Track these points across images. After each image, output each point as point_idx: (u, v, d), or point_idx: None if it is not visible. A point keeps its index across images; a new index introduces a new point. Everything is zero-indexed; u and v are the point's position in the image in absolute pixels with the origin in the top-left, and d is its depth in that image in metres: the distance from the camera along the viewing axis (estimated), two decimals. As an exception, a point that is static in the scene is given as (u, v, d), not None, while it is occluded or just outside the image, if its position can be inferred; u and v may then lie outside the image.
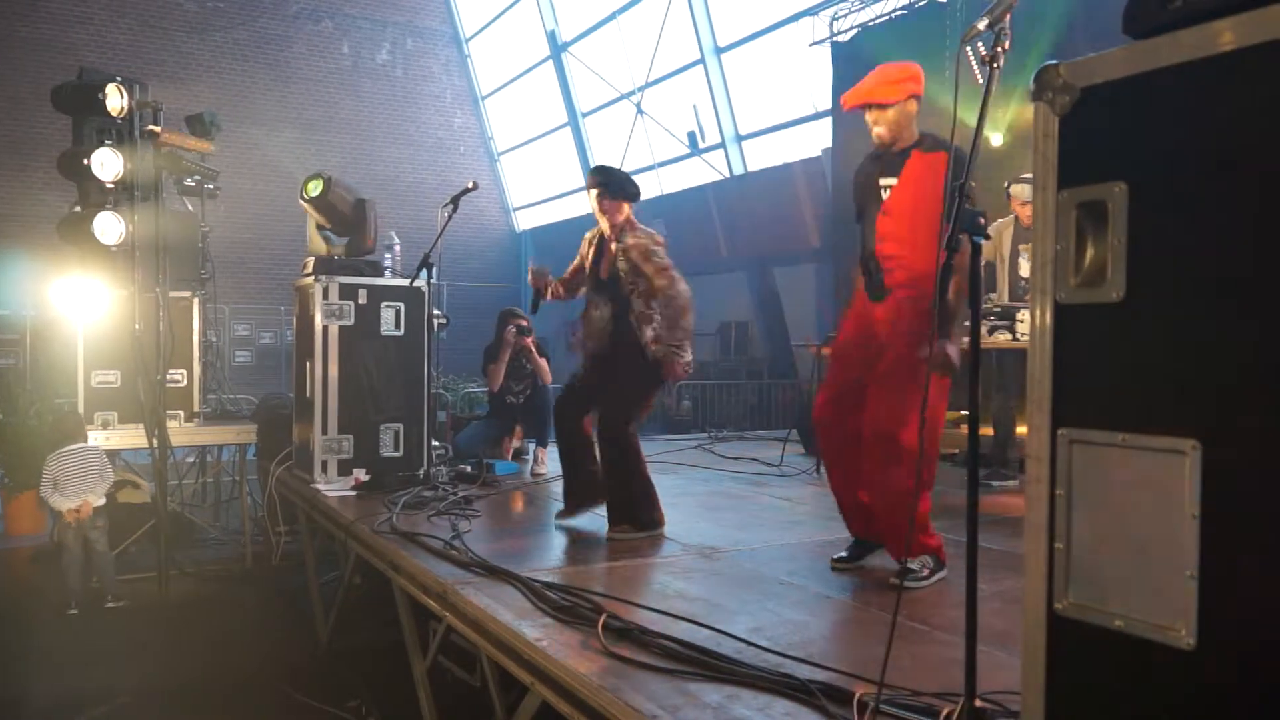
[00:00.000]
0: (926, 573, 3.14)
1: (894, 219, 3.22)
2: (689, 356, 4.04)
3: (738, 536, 4.04)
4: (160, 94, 6.62)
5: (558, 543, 4.09)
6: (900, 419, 3.03)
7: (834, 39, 9.58)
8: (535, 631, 2.63)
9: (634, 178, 4.38)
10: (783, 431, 7.49)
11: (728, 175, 13.55)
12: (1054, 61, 1.35)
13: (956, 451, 5.86)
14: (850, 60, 9.05)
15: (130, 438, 6.21)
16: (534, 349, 6.01)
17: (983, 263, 2.01)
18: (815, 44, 9.97)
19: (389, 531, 3.93)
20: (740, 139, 13.57)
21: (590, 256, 4.31)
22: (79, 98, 6.14)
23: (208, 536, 6.88)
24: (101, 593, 5.44)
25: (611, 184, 4.19)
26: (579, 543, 4.02)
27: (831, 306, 8.74)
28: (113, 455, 6.56)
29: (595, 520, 4.22)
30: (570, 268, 4.43)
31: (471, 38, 18.03)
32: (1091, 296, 1.30)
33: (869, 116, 3.27)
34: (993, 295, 5.65)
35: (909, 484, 2.87)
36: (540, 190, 18.05)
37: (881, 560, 3.39)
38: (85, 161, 5.98)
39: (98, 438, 6.16)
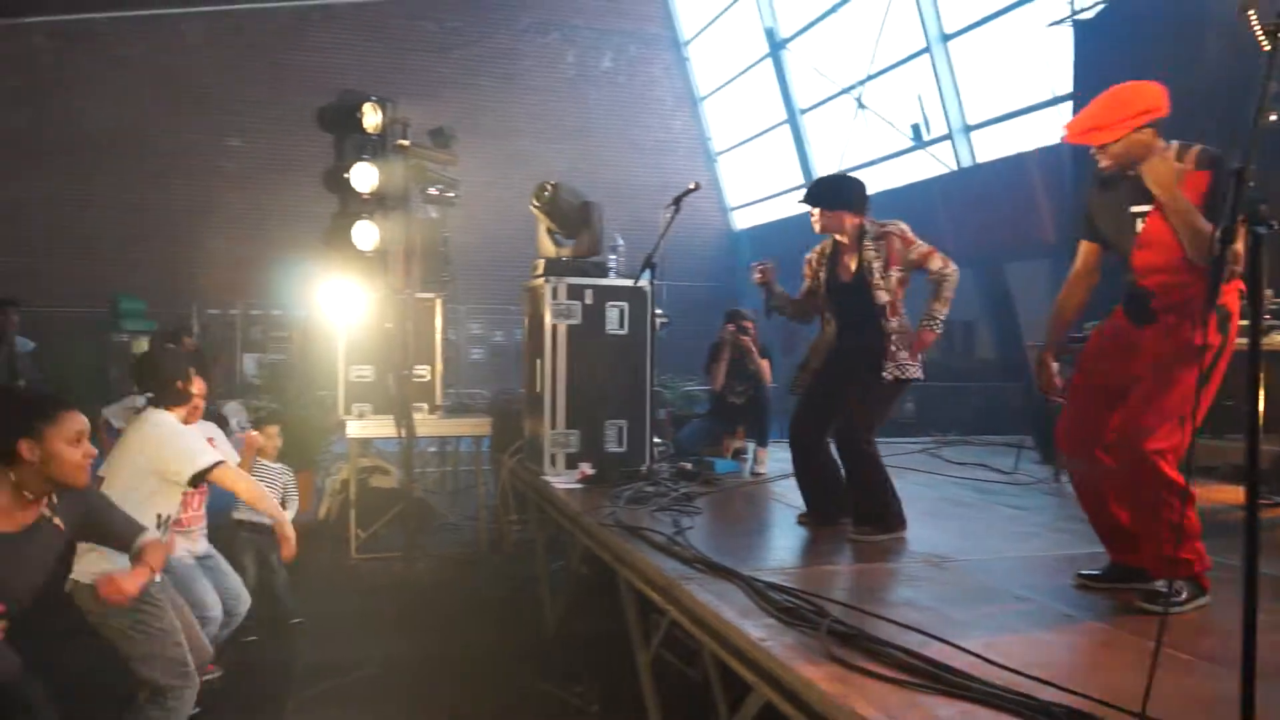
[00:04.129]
0: (1184, 596, 2.86)
1: (1154, 250, 2.91)
2: (939, 332, 4.03)
3: (968, 546, 3.86)
4: (407, 111, 7.17)
5: (779, 543, 4.06)
6: (1161, 435, 2.77)
7: (1075, 17, 8.93)
8: (759, 631, 2.63)
9: (853, 176, 4.27)
10: (1014, 437, 7.06)
11: (955, 168, 12.95)
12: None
13: (1218, 465, 5.31)
14: (1096, 37, 8.39)
15: (381, 427, 6.76)
16: (754, 349, 6.00)
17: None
18: (1054, 24, 9.34)
19: (613, 524, 4.04)
20: (968, 129, 12.93)
21: (823, 269, 4.23)
22: (340, 117, 6.77)
23: (447, 522, 7.37)
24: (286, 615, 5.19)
25: (823, 197, 4.12)
26: (801, 544, 3.98)
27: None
28: (365, 443, 7.18)
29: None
30: (801, 290, 4.37)
31: (690, 41, 18.26)
32: None
33: (1092, 148, 3.01)
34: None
35: (1169, 501, 2.63)
36: (757, 189, 18.01)
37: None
38: (345, 175, 6.58)
39: (354, 427, 6.76)
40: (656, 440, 5.59)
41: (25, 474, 2.56)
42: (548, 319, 5.37)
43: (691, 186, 5.03)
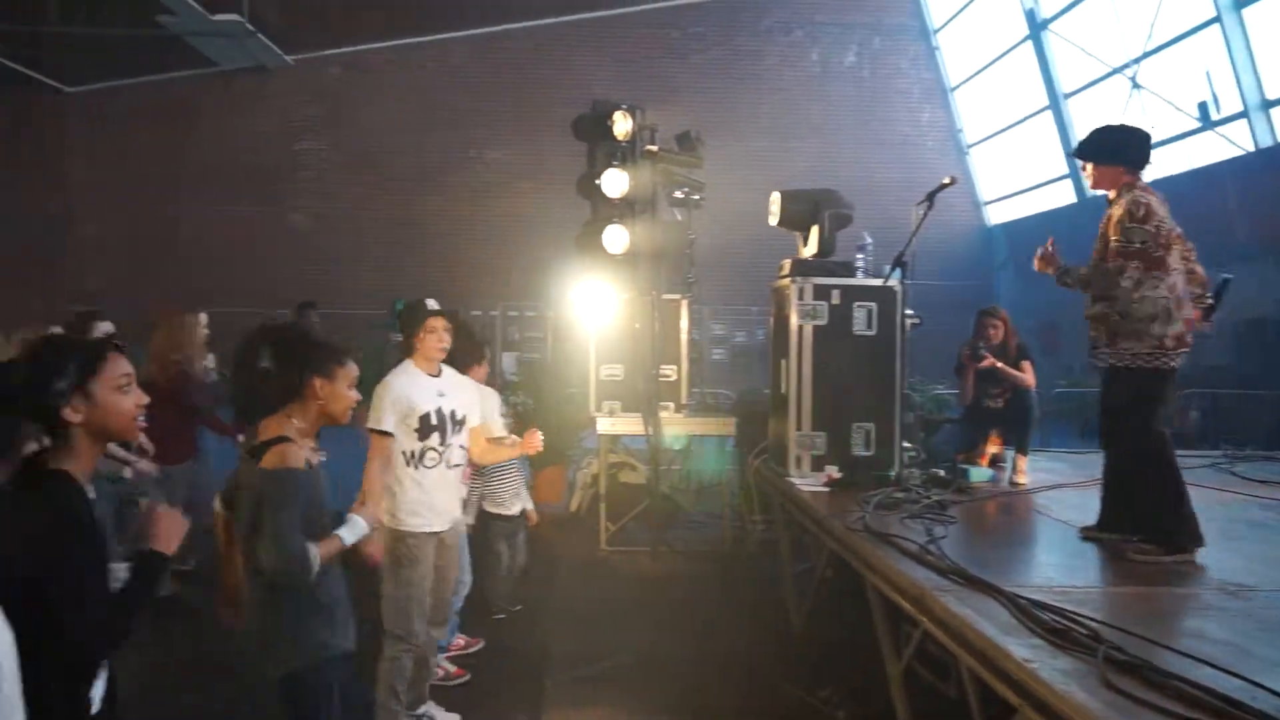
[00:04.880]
0: None
1: None
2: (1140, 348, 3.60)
3: (1271, 574, 3.43)
4: (654, 117, 7.37)
5: (1045, 559, 3.81)
6: None
7: None
8: (1024, 651, 2.47)
9: (1136, 128, 3.87)
10: (1327, 452, 6.21)
11: (1251, 149, 11.56)
12: None
13: None
14: None
15: (630, 424, 6.99)
16: (998, 365, 5.59)
17: None
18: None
19: (862, 530, 3.95)
20: (1268, 105, 11.50)
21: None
22: (593, 126, 7.07)
23: (692, 519, 7.50)
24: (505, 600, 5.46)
25: (1095, 151, 3.77)
26: (1070, 561, 3.70)
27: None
28: (615, 439, 7.45)
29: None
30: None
31: (940, 29, 17.48)
32: None
33: None
34: None
35: None
36: (1014, 182, 16.95)
37: None
38: (597, 181, 6.87)
39: (604, 424, 7.03)
40: (906, 445, 5.39)
41: (309, 411, 2.82)
42: (793, 319, 5.33)
43: (946, 181, 4.81)
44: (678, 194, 8.20)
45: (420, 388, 3.85)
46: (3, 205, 14.45)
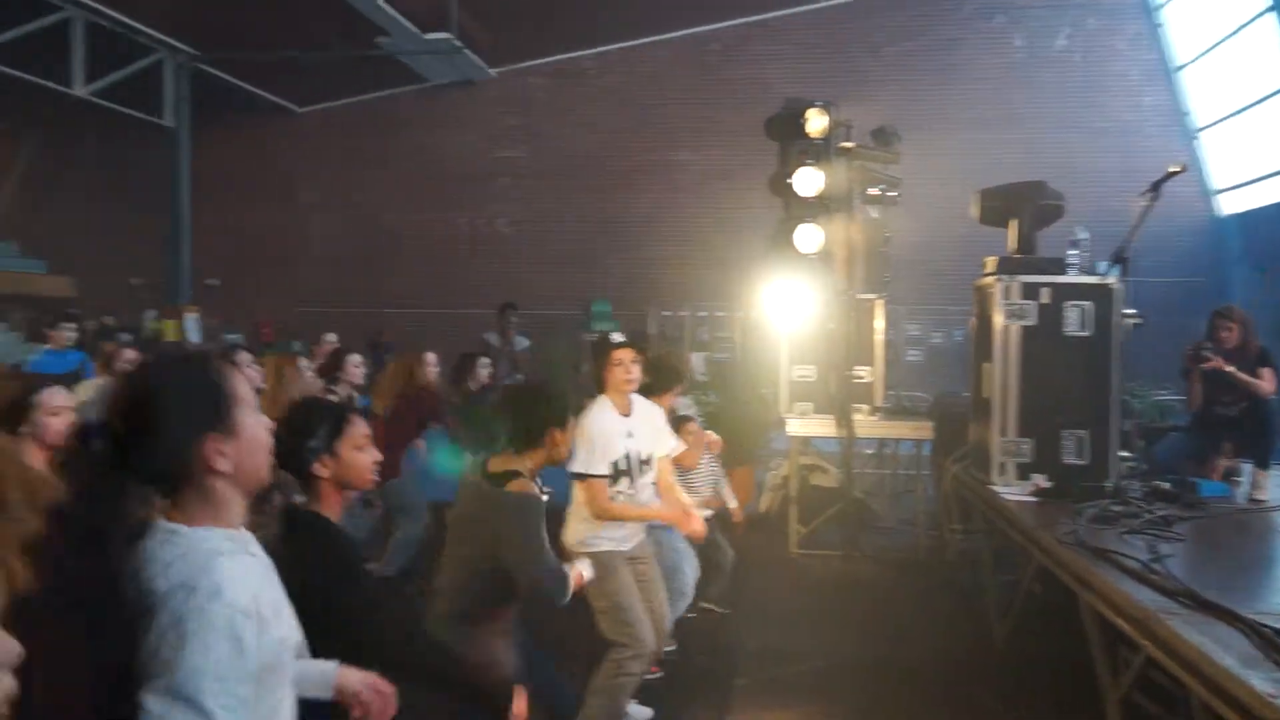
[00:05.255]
0: None
1: None
2: None
3: None
4: (848, 113, 7.21)
5: (1290, 584, 3.45)
6: None
7: None
8: (1269, 686, 2.25)
9: None
10: None
11: None
12: None
13: None
14: None
15: (821, 426, 6.88)
16: (1226, 368, 5.09)
17: None
18: None
19: (1075, 544, 3.71)
20: None
21: None
22: (786, 124, 7.00)
23: (885, 524, 7.30)
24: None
25: None
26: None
27: None
28: (805, 441, 7.36)
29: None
30: None
31: (1164, 4, 16.13)
32: None
33: None
34: None
35: None
36: (1252, 168, 15.40)
37: None
38: (789, 180, 6.80)
39: (794, 425, 6.96)
40: (1124, 454, 5.02)
41: (538, 456, 3.15)
42: (999, 319, 5.07)
43: (1174, 169, 4.46)
44: (873, 191, 8.01)
45: (613, 430, 3.83)
46: (243, 216, 16.03)
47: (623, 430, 3.87)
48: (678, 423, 4.69)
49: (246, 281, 15.67)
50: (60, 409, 2.87)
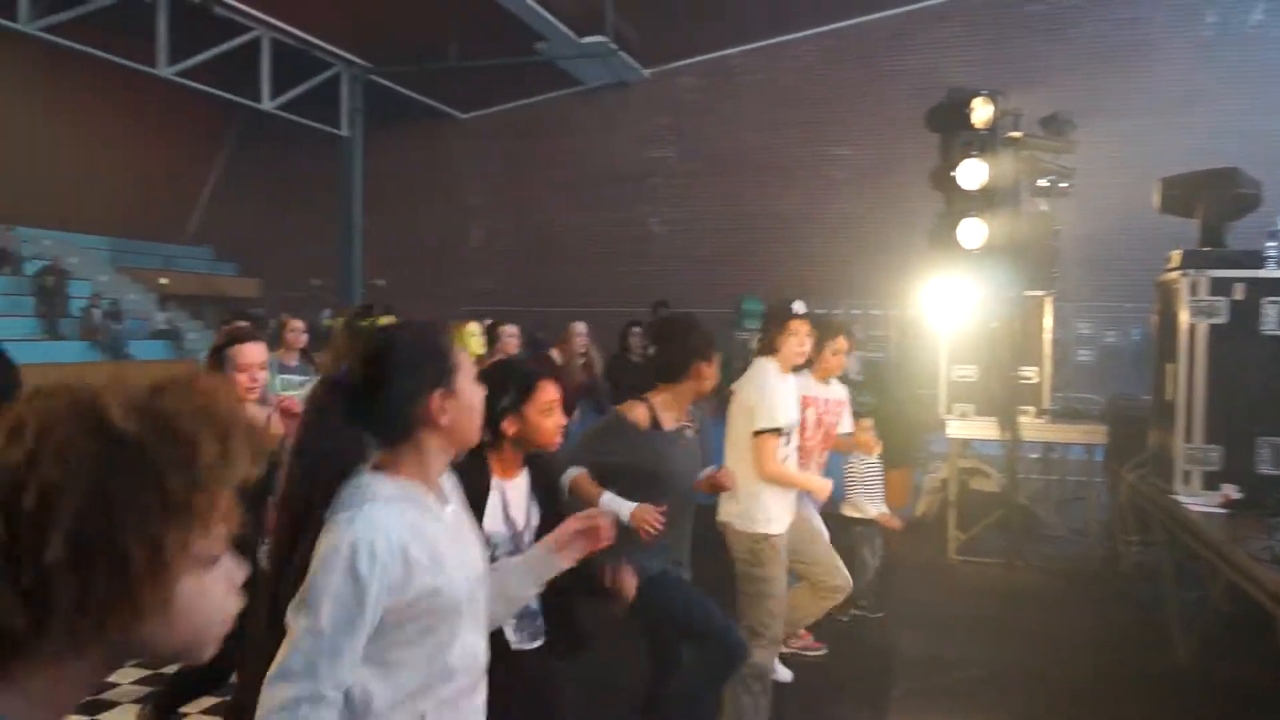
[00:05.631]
0: None
1: None
2: None
3: None
4: (1017, 101, 6.89)
5: None
6: None
7: None
8: None
9: None
10: None
11: None
12: None
13: None
14: None
15: (983, 429, 6.61)
16: None
17: None
18: None
19: (1271, 560, 3.43)
20: None
21: None
22: (949, 115, 6.75)
23: (1052, 533, 6.94)
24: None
25: None
26: None
27: None
28: (966, 444, 7.09)
29: None
30: None
31: (1379, -30, 14.63)
32: None
33: None
34: None
35: None
36: None
37: None
38: (952, 173, 6.56)
39: (954, 427, 6.72)
40: (1330, 465, 4.58)
41: (685, 390, 3.30)
42: (1184, 317, 4.73)
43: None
44: (1042, 183, 7.63)
45: (786, 390, 3.84)
46: (414, 218, 16.87)
47: (793, 397, 3.90)
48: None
49: (412, 281, 16.44)
50: (248, 365, 3.11)
